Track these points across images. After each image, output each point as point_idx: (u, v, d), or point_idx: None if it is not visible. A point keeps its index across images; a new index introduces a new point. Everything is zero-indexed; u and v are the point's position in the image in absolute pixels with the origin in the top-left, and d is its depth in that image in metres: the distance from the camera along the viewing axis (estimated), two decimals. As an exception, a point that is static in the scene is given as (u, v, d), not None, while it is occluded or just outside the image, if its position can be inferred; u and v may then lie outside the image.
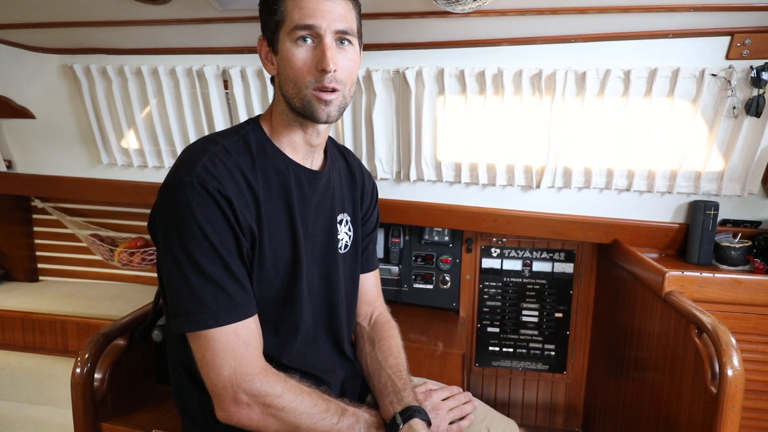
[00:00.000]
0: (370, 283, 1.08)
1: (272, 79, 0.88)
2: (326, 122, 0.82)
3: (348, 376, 0.99)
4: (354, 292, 1.03)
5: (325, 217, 0.93)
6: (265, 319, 0.83)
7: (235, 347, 0.75)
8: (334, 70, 0.77)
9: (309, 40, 0.78)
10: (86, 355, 1.10)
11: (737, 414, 0.89)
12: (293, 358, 0.87)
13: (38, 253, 2.30)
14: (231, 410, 0.75)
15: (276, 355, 0.85)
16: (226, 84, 1.60)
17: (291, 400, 0.77)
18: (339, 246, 0.96)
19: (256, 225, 0.79)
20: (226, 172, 0.76)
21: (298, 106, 0.81)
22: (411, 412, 0.83)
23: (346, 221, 0.99)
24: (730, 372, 0.89)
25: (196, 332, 0.74)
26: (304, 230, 0.87)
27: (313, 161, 0.91)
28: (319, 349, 0.94)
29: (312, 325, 0.91)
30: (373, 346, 1.01)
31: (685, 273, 1.23)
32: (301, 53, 0.78)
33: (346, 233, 0.98)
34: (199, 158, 0.76)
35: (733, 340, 0.92)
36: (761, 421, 1.24)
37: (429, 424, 0.84)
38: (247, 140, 0.83)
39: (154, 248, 1.95)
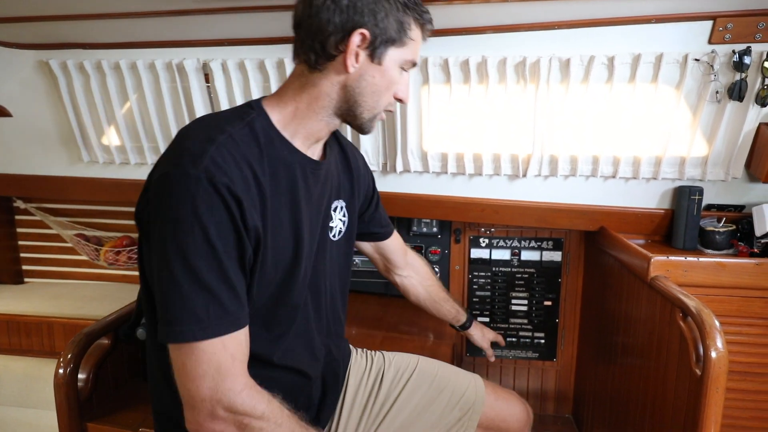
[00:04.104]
0: (395, 245, 1.22)
1: (303, 59, 0.78)
2: (367, 134, 0.88)
3: (330, 368, 0.99)
4: (345, 278, 1.02)
5: (323, 208, 0.90)
6: (258, 316, 0.79)
7: (221, 360, 0.68)
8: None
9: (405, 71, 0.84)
10: (69, 356, 1.08)
11: (721, 395, 0.90)
12: (283, 355, 0.85)
13: (22, 255, 2.25)
14: (204, 425, 0.68)
15: (266, 353, 0.82)
16: (207, 77, 1.57)
17: (269, 424, 0.71)
18: (332, 234, 0.94)
19: (261, 224, 0.74)
20: (235, 166, 0.69)
21: (359, 115, 0.81)
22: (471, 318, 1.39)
23: (341, 207, 0.96)
24: (713, 354, 0.89)
25: (180, 343, 0.68)
26: (307, 227, 0.83)
27: (315, 151, 0.87)
28: (308, 341, 0.92)
29: (303, 319, 0.90)
30: (426, 288, 1.30)
31: (670, 258, 1.24)
32: (399, 80, 0.82)
33: (341, 219, 0.96)
34: (206, 148, 0.68)
35: (717, 323, 0.93)
36: (745, 402, 1.26)
37: None
38: (254, 128, 0.76)
39: (140, 246, 1.93)
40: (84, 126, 1.73)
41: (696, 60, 1.32)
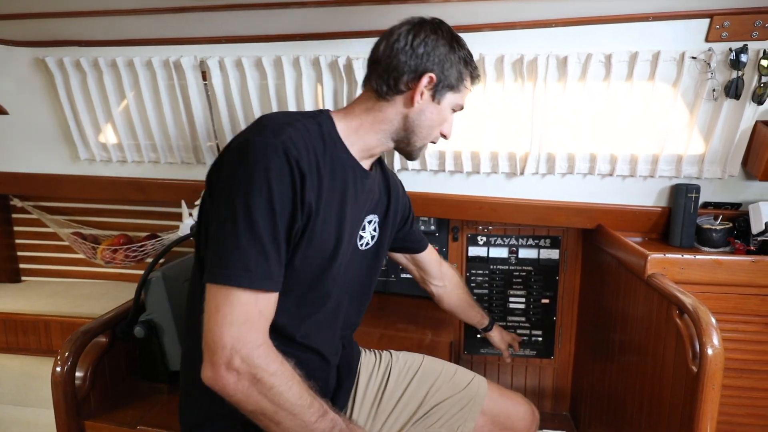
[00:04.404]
0: (429, 257, 1.32)
1: (373, 88, 0.91)
2: (414, 160, 1.03)
3: (345, 360, 1.07)
4: (365, 288, 1.08)
5: (361, 215, 0.98)
6: (292, 294, 0.85)
7: (250, 312, 0.75)
8: None
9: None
10: (66, 354, 1.08)
11: (717, 392, 0.90)
12: (306, 335, 0.91)
13: (19, 253, 2.24)
14: (220, 373, 0.73)
15: (292, 329, 0.88)
16: (204, 75, 1.57)
17: (281, 382, 0.77)
18: (361, 243, 1.00)
19: (315, 206, 0.82)
20: (305, 148, 0.80)
21: (412, 142, 0.94)
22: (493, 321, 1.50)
23: (374, 221, 1.03)
24: (710, 351, 0.90)
25: (222, 285, 0.74)
26: (348, 225, 0.91)
27: (365, 165, 0.96)
28: (328, 330, 0.99)
29: (328, 308, 0.96)
30: (458, 296, 1.39)
31: (666, 255, 1.24)
32: (449, 119, 0.97)
33: (371, 233, 1.03)
34: (285, 128, 0.79)
35: (713, 320, 0.93)
36: (741, 399, 1.26)
37: None
38: (322, 127, 0.87)
39: (137, 245, 1.92)
40: (81, 124, 1.72)
41: (693, 58, 1.32)
